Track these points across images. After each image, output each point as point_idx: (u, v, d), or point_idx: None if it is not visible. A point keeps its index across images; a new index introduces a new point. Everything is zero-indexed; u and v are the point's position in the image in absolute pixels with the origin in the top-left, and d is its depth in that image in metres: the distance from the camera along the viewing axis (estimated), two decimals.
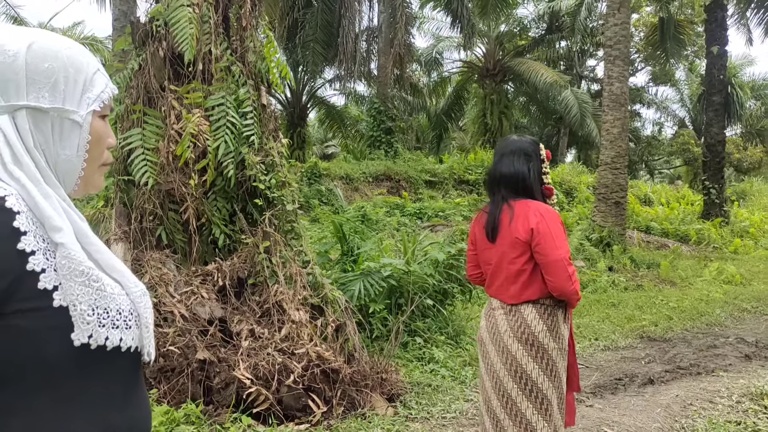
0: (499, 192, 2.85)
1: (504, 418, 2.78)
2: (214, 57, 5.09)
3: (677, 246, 14.78)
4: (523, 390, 2.74)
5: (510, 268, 2.78)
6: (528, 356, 2.73)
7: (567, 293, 2.70)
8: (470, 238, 3.06)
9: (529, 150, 2.88)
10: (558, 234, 2.70)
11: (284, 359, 4.12)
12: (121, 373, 1.11)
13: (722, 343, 6.80)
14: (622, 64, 12.62)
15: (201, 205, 4.97)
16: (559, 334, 2.77)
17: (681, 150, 28.64)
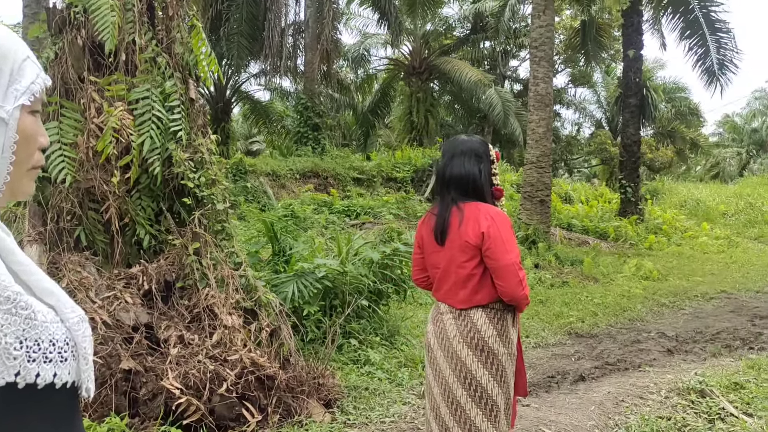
0: (449, 194, 2.77)
1: (453, 425, 2.70)
2: (138, 47, 4.81)
3: (597, 243, 15.29)
4: (473, 396, 2.67)
5: (459, 272, 2.71)
6: (478, 361, 2.67)
7: (517, 298, 2.65)
8: (416, 241, 2.97)
9: (480, 150, 2.81)
10: (508, 238, 2.64)
11: (216, 367, 3.92)
12: (54, 413, 0.96)
13: (645, 338, 7.02)
14: (547, 65, 12.91)
15: (124, 204, 4.68)
16: (509, 338, 2.72)
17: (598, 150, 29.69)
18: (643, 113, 18.97)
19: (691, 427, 4.10)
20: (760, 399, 4.52)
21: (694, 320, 8.04)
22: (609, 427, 4.22)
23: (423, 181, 19.45)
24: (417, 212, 14.77)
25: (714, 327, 7.57)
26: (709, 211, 22.05)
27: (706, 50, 17.52)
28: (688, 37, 17.99)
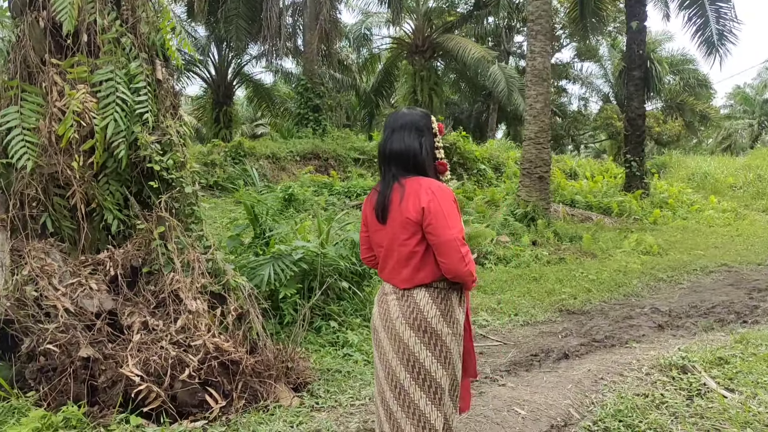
0: (390, 170, 2.65)
1: (397, 409, 2.61)
2: (100, 27, 4.69)
3: (600, 218, 15.10)
4: (416, 379, 2.57)
5: (401, 251, 2.60)
6: (421, 343, 2.56)
7: (461, 275, 2.54)
8: (362, 219, 2.86)
9: (421, 124, 2.68)
10: (450, 212, 2.52)
11: (179, 353, 3.85)
12: None
13: (637, 314, 6.89)
14: (543, 39, 12.64)
15: (90, 188, 4.60)
16: (454, 318, 2.61)
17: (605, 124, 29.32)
18: (647, 86, 18.63)
19: (669, 404, 3.99)
20: (744, 374, 4.39)
21: (691, 294, 7.89)
22: (584, 405, 4.12)
23: None
24: None
25: (710, 301, 7.42)
26: (717, 184, 21.74)
27: (705, 20, 17.14)
28: (687, 6, 17.61)
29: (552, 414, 3.99)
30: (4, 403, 3.44)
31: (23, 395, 3.53)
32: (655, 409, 3.94)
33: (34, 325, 3.80)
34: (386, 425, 2.67)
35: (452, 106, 34.76)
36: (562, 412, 4.02)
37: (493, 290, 7.82)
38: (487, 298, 7.36)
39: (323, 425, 3.72)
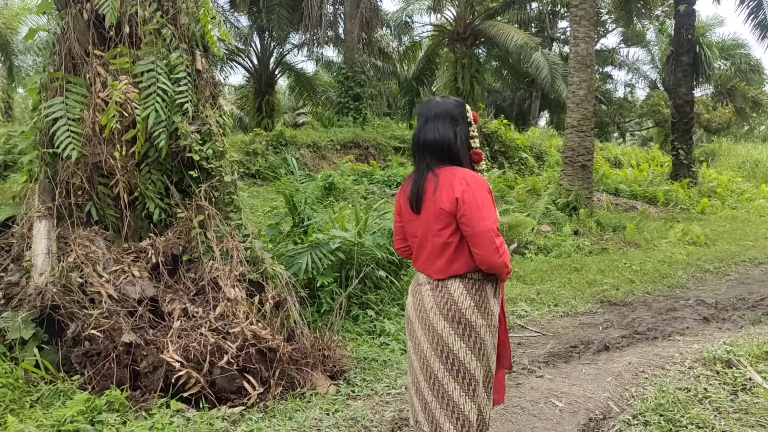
0: (424, 159, 2.62)
1: (431, 399, 2.60)
2: (141, 19, 4.76)
3: (645, 208, 14.77)
4: (450, 370, 2.56)
5: (435, 241, 2.58)
6: (455, 334, 2.55)
7: (495, 266, 2.51)
8: (396, 209, 2.85)
9: (455, 113, 2.65)
10: (485, 203, 2.49)
11: (217, 339, 3.91)
12: None
13: (682, 306, 6.73)
14: (587, 24, 12.37)
15: (133, 177, 4.70)
16: (489, 310, 2.59)
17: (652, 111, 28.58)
18: (696, 71, 18.13)
19: (712, 399, 3.89)
20: None
21: (738, 287, 7.67)
22: (624, 399, 4.04)
23: None
24: None
25: (758, 293, 7.20)
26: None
27: (759, 3, 16.51)
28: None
29: (590, 407, 3.93)
30: (51, 386, 3.55)
31: (69, 379, 3.64)
32: (698, 404, 3.84)
33: (79, 310, 3.91)
34: (420, 415, 2.66)
35: (494, 94, 34.36)
36: (600, 405, 3.95)
37: (533, 280, 7.72)
38: (526, 289, 7.28)
39: (359, 413, 3.74)
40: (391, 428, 3.57)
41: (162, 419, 3.40)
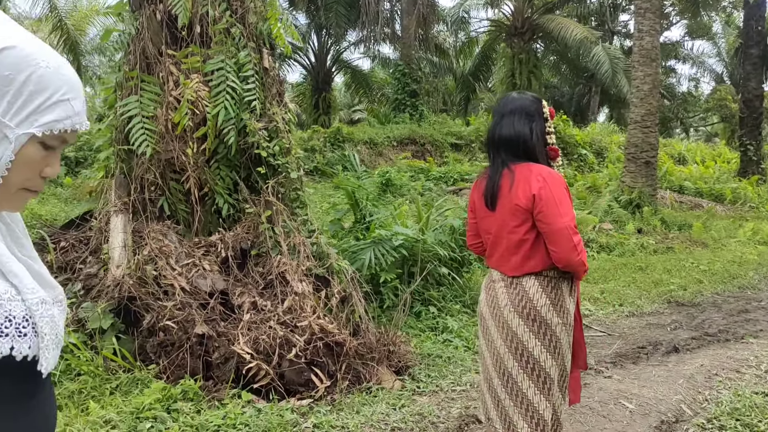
0: (499, 155, 2.61)
1: (505, 397, 2.59)
2: (211, 19, 4.88)
3: (712, 206, 14.30)
4: (524, 368, 2.54)
5: (510, 238, 2.56)
6: (530, 332, 2.53)
7: (572, 264, 2.47)
8: (470, 205, 2.84)
9: (531, 109, 2.62)
10: (562, 200, 2.46)
11: (286, 333, 3.98)
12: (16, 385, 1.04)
13: (754, 308, 6.49)
14: (653, 17, 12.03)
15: (203, 174, 4.82)
16: (564, 308, 2.55)
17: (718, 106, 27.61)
18: (766, 65, 17.39)
19: None
20: None
21: None
22: (697, 402, 3.93)
23: None
24: None
25: None
26: None
27: None
28: None
29: (662, 409, 3.84)
30: (129, 375, 3.68)
31: (145, 368, 3.77)
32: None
33: (153, 302, 4.04)
34: (493, 412, 2.65)
35: (552, 89, 33.76)
36: (672, 408, 3.86)
37: (596, 279, 7.58)
38: (589, 287, 7.15)
39: (425, 409, 3.75)
40: (459, 425, 3.57)
41: (234, 409, 3.48)
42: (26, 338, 1.01)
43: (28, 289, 1.04)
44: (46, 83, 1.00)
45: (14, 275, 1.03)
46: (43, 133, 1.01)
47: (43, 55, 1.01)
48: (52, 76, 1.01)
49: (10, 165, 1.00)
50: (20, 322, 1.01)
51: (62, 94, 1.02)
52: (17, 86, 0.98)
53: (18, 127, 0.99)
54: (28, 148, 1.01)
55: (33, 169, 1.04)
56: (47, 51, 1.02)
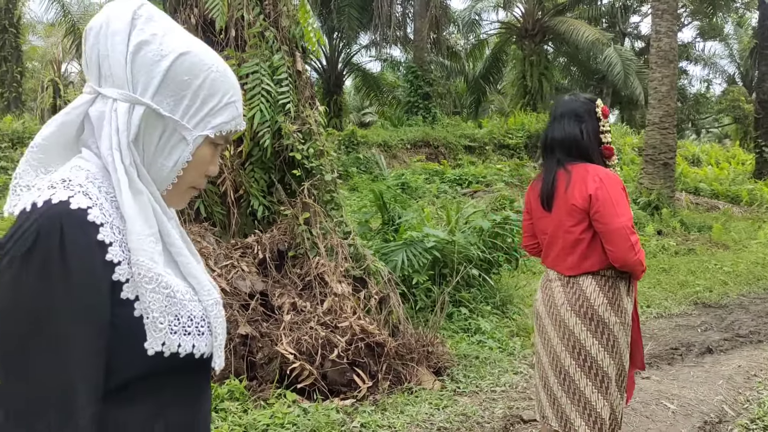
0: (554, 156, 2.64)
1: (561, 395, 2.61)
2: (246, 23, 4.93)
3: (728, 207, 14.25)
4: (582, 366, 2.56)
5: (567, 238, 2.58)
6: (587, 331, 2.54)
7: (630, 264, 2.49)
8: (525, 206, 2.87)
9: (581, 110, 2.64)
10: (619, 200, 2.48)
11: (327, 333, 4.01)
12: (191, 381, 1.09)
13: None
14: (670, 18, 12.04)
15: (238, 176, 4.86)
16: (622, 307, 2.57)
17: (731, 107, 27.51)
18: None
19: None
20: None
21: None
22: (739, 403, 3.94)
23: (537, 147, 18.85)
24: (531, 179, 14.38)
25: None
26: None
27: None
28: None
29: (704, 410, 3.85)
30: None
31: None
32: None
33: None
34: (549, 410, 2.67)
35: (562, 91, 33.70)
36: (714, 408, 3.87)
37: None
38: None
39: (469, 409, 3.77)
40: (504, 425, 3.59)
41: (281, 408, 3.51)
42: (204, 337, 1.05)
43: (205, 291, 1.08)
44: (217, 87, 1.05)
45: (193, 277, 1.07)
46: (215, 135, 1.07)
47: (212, 59, 1.06)
48: (221, 80, 1.06)
49: (186, 165, 1.06)
50: (199, 321, 1.05)
51: (230, 97, 1.08)
52: (194, 90, 1.03)
53: (195, 129, 1.05)
54: (202, 149, 1.07)
55: (202, 169, 1.10)
56: (214, 55, 1.07)
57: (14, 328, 0.89)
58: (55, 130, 1.03)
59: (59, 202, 0.92)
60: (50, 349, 0.89)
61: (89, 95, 1.02)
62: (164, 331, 0.98)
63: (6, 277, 0.90)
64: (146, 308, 0.96)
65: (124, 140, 0.99)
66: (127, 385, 0.98)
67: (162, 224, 1.03)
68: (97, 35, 1.01)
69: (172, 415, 1.05)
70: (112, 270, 0.95)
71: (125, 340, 0.96)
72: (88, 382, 0.92)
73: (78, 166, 1.00)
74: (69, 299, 0.89)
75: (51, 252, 0.89)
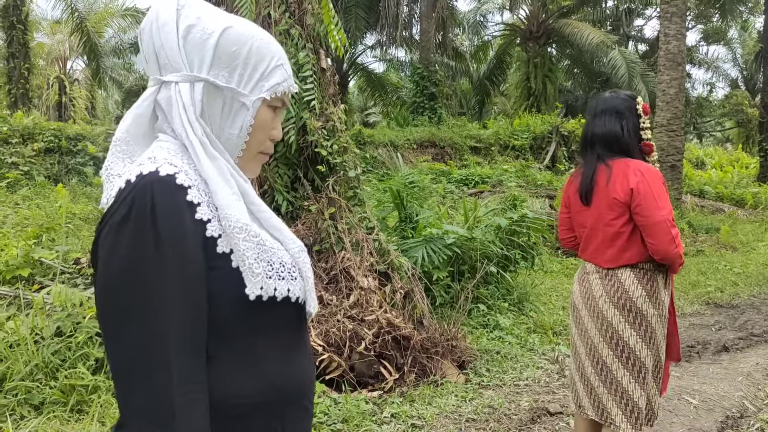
0: (594, 152, 2.70)
1: (598, 385, 2.67)
2: (273, 20, 4.99)
3: (733, 210, 14.34)
4: (619, 357, 2.62)
5: (607, 231, 2.65)
6: (625, 322, 2.61)
7: (670, 256, 2.56)
8: (563, 200, 2.93)
9: (622, 107, 2.71)
10: (660, 194, 2.55)
11: (354, 326, 4.07)
12: (290, 325, 1.15)
13: None
14: (679, 21, 12.11)
15: (263, 171, 4.92)
16: (659, 300, 2.64)
17: (733, 111, 27.60)
18: None
19: None
20: None
21: None
22: (759, 399, 4.00)
23: (542, 148, 18.96)
24: (537, 180, 14.46)
25: None
26: None
27: None
28: None
29: (725, 405, 3.91)
30: None
31: None
32: None
33: None
34: (585, 400, 2.73)
35: (566, 93, 33.79)
36: (736, 404, 3.93)
37: None
38: None
39: (495, 402, 3.83)
40: (531, 417, 3.65)
41: None
42: (296, 282, 1.12)
43: (290, 240, 1.15)
44: (263, 52, 1.14)
45: (276, 229, 1.14)
46: (270, 97, 1.14)
47: (254, 29, 1.15)
48: (266, 46, 1.14)
49: (250, 129, 1.14)
50: (290, 267, 1.12)
51: (277, 60, 1.16)
52: (243, 58, 1.11)
53: (251, 93, 1.12)
54: (262, 113, 1.15)
55: (266, 132, 1.18)
56: (254, 26, 1.15)
57: (116, 294, 0.97)
58: (131, 122, 1.12)
59: (149, 173, 1.01)
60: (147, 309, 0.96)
61: (154, 86, 1.11)
62: (261, 276, 1.05)
63: (107, 243, 0.98)
64: (241, 256, 1.03)
65: (192, 115, 1.08)
66: (232, 335, 1.05)
67: (240, 185, 1.10)
68: (150, 31, 1.10)
69: (275, 361, 1.11)
70: (204, 228, 1.03)
71: (228, 291, 1.03)
72: (188, 335, 0.98)
73: (159, 147, 1.08)
74: (163, 261, 0.96)
75: (144, 218, 0.97)
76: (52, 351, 3.65)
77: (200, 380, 0.99)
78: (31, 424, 3.12)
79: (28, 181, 11.13)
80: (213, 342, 1.02)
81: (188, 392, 0.96)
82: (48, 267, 5.07)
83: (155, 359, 0.96)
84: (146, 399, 0.95)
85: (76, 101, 28.17)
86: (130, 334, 0.96)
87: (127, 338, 0.96)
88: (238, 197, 1.07)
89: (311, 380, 1.21)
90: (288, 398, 1.12)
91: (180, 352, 0.97)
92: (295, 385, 1.14)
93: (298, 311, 1.15)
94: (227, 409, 1.04)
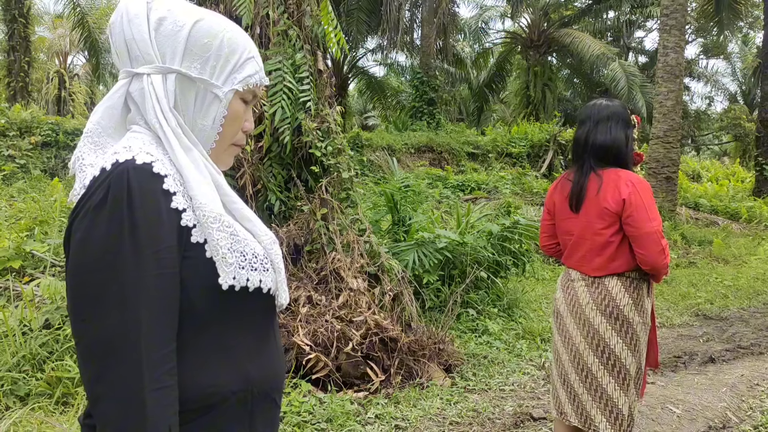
0: (588, 160, 2.71)
1: (582, 392, 2.69)
2: (271, 21, 5.02)
3: (727, 223, 14.37)
4: (605, 364, 2.64)
5: (595, 240, 2.67)
6: (612, 330, 2.63)
7: (658, 267, 2.58)
8: (546, 207, 2.95)
9: (625, 115, 2.73)
10: (650, 205, 2.58)
11: (342, 327, 4.09)
12: (261, 316, 1.17)
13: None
14: (678, 33, 12.18)
15: (257, 171, 4.94)
16: (644, 308, 2.67)
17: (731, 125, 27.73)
18: None
19: None
20: None
21: None
22: (742, 410, 4.03)
23: (539, 156, 19.01)
24: (533, 188, 14.51)
25: None
26: None
27: None
28: None
29: (708, 415, 3.94)
30: None
31: None
32: None
33: None
34: (568, 407, 2.75)
35: (564, 103, 33.89)
36: (719, 414, 3.95)
37: None
38: None
39: (480, 406, 3.85)
40: (514, 421, 3.67)
41: (297, 398, 3.59)
42: (268, 273, 1.14)
43: (262, 232, 1.18)
44: (235, 44, 1.15)
45: (248, 220, 1.17)
46: (243, 88, 1.16)
47: (225, 22, 1.17)
48: (237, 39, 1.16)
49: (223, 121, 1.16)
50: (262, 259, 1.14)
51: (248, 52, 1.18)
52: (215, 50, 1.13)
53: (224, 85, 1.14)
54: (234, 104, 1.17)
55: (238, 124, 1.20)
56: (225, 19, 1.18)
57: (89, 276, 0.98)
58: (102, 115, 1.14)
59: (125, 161, 1.02)
60: (120, 292, 0.97)
61: (125, 79, 1.12)
62: (234, 266, 1.07)
63: (82, 228, 0.99)
64: (214, 246, 1.05)
65: (166, 106, 1.10)
66: (204, 325, 1.07)
67: (214, 177, 1.12)
68: (120, 24, 1.12)
69: (245, 351, 1.13)
70: (179, 217, 1.05)
71: (201, 280, 1.05)
72: (160, 320, 0.99)
73: (134, 137, 1.10)
74: (138, 245, 0.98)
75: (121, 202, 0.99)
76: (39, 343, 3.67)
77: (171, 367, 1.00)
78: (15, 414, 3.13)
79: (24, 175, 11.15)
80: (184, 330, 1.04)
81: (158, 378, 0.98)
82: (39, 260, 5.09)
83: (127, 344, 0.97)
84: (115, 384, 0.96)
85: (76, 96, 28.19)
86: (102, 317, 0.97)
87: (98, 320, 0.98)
88: (213, 188, 1.10)
89: (282, 372, 1.23)
90: (257, 389, 1.14)
91: (151, 336, 0.98)
92: (265, 375, 1.16)
93: (270, 303, 1.18)
94: (197, 398, 1.06)
